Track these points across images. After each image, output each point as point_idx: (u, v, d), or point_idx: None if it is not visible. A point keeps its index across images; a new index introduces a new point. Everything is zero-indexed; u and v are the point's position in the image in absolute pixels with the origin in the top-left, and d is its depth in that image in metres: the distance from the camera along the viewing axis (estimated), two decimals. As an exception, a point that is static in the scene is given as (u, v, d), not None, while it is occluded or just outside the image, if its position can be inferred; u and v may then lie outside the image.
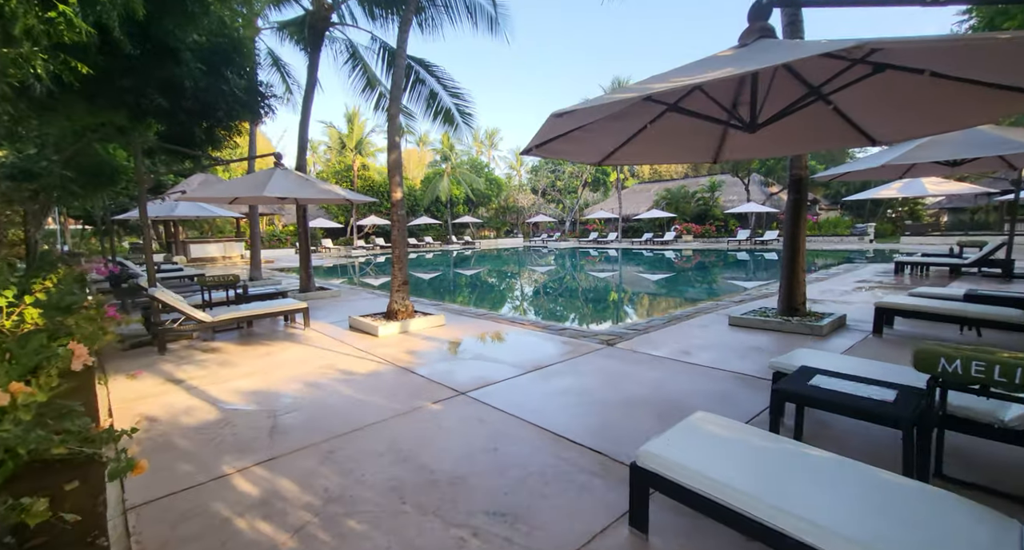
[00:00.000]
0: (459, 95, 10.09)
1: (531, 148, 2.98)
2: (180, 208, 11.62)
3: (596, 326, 7.70)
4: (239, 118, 7.00)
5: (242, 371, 4.52)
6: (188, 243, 19.43)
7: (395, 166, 6.39)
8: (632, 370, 4.28)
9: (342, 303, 8.57)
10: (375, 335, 5.90)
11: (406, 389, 3.93)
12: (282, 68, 13.08)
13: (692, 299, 10.32)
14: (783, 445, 1.97)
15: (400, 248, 6.49)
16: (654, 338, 5.43)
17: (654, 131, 3.38)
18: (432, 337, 5.80)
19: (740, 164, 29.39)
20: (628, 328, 6.06)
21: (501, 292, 13.29)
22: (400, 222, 6.46)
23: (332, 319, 7.11)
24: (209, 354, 5.18)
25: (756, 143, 3.48)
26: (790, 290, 5.62)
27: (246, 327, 6.46)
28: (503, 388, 3.90)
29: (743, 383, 3.84)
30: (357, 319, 6.34)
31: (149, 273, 5.66)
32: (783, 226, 5.64)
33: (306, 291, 9.14)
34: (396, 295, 6.46)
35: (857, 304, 7.07)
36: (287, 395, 3.81)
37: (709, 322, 6.17)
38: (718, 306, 7.30)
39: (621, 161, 3.79)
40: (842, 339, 5.03)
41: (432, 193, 35.85)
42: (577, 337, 5.59)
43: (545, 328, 6.15)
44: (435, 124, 10.42)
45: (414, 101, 10.22)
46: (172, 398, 3.79)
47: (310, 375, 4.35)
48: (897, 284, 9.16)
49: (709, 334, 5.52)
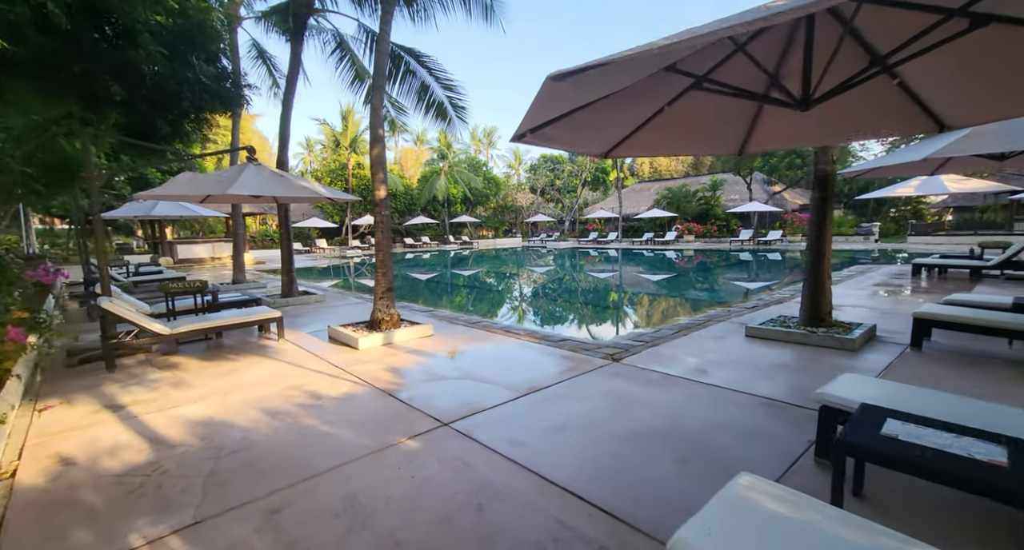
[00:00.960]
0: (452, 87, 9.52)
1: (524, 133, 2.41)
2: (160, 207, 11.02)
3: (599, 336, 7.14)
4: (209, 110, 6.42)
5: (196, 393, 3.95)
6: (175, 244, 18.80)
7: (378, 161, 5.81)
8: (642, 393, 3.72)
9: (326, 309, 8.00)
10: (355, 348, 5.33)
11: (380, 418, 3.36)
12: (268, 61, 12.49)
13: (700, 304, 9.77)
14: (872, 537, 1.41)
15: (384, 251, 5.92)
16: (664, 352, 4.88)
17: (671, 116, 2.81)
18: (418, 350, 5.24)
19: (742, 162, 28.87)
20: (634, 339, 5.50)
21: (497, 296, 12.72)
22: (384, 223, 5.89)
23: (312, 328, 6.54)
24: (165, 371, 4.60)
25: (792, 130, 2.93)
26: (814, 298, 5.06)
27: (215, 338, 5.88)
28: (494, 417, 3.34)
29: (774, 412, 3.27)
30: (337, 329, 5.77)
31: (102, 279, 5.08)
32: (807, 227, 5.08)
33: (288, 296, 8.56)
34: (380, 303, 5.89)
35: (882, 311, 6.52)
36: (239, 427, 3.24)
37: (723, 332, 5.62)
38: (730, 313, 6.75)
39: (630, 153, 3.23)
40: (877, 354, 4.48)
41: (429, 192, 35.24)
42: (578, 351, 5.03)
43: (543, 339, 5.58)
44: (427, 118, 9.85)
45: (404, 94, 9.65)
46: (102, 431, 3.21)
47: (272, 399, 3.78)
48: (919, 288, 8.61)
49: (725, 347, 4.96)
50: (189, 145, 6.52)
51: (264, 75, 12.80)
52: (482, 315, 9.08)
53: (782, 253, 21.44)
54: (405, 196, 35.89)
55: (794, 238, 25.62)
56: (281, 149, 8.39)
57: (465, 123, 9.94)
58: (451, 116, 9.80)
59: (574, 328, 7.87)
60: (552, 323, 8.41)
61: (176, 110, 5.88)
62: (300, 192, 5.97)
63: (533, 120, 2.30)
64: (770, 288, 11.39)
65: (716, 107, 2.73)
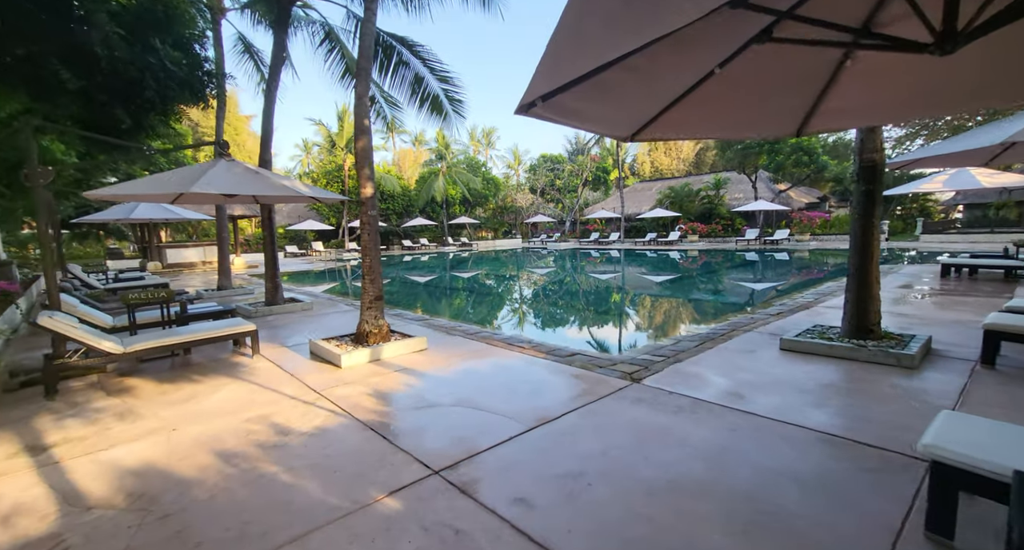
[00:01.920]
0: (448, 79, 8.91)
1: (534, 101, 1.80)
2: (140, 210, 10.41)
3: (613, 349, 6.52)
4: (178, 100, 5.81)
5: (141, 428, 3.33)
6: (164, 248, 18.17)
7: (364, 155, 5.20)
8: (672, 425, 3.09)
9: (312, 319, 7.38)
10: (337, 366, 4.72)
11: (357, 463, 2.74)
12: (256, 56, 11.89)
13: (719, 311, 9.14)
14: None
15: (372, 255, 5.31)
16: (689, 369, 4.25)
17: (723, 82, 2.20)
18: (408, 369, 4.61)
19: (747, 160, 28.27)
20: (653, 352, 4.88)
21: (498, 301, 12.10)
22: (371, 224, 5.28)
23: (294, 341, 5.92)
24: (113, 398, 3.98)
25: (887, 95, 2.30)
26: (861, 306, 4.44)
27: (182, 354, 5.26)
28: (495, 461, 2.72)
29: (840, 454, 2.65)
30: (319, 344, 5.15)
31: (49, 291, 4.47)
32: (850, 225, 4.46)
33: (273, 304, 7.94)
34: (367, 314, 5.27)
35: (924, 319, 5.89)
36: (180, 478, 2.62)
37: (752, 345, 5.00)
38: (754, 321, 6.12)
39: (663, 134, 2.61)
40: (942, 373, 3.85)
41: (427, 193, 34.62)
42: (591, 368, 4.41)
43: (550, 354, 4.96)
44: (421, 113, 9.23)
45: (397, 86, 9.05)
46: (5, 486, 2.59)
47: (230, 436, 3.16)
48: (953, 290, 7.98)
49: (759, 364, 4.34)
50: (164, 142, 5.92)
51: (251, 70, 12.22)
52: (482, 324, 8.47)
53: (790, 253, 20.81)
54: (403, 197, 35.28)
55: (802, 237, 25.00)
56: (263, 146, 7.78)
57: (462, 118, 9.35)
58: (447, 110, 9.20)
59: (584, 339, 7.24)
60: (559, 333, 7.79)
61: (139, 100, 5.26)
62: (279, 191, 5.36)
63: (547, 82, 1.69)
64: (790, 292, 10.77)
65: (780, 68, 2.12)
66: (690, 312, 9.10)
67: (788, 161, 25.54)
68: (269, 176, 5.59)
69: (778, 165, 26.16)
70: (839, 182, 27.87)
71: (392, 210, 34.76)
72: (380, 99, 10.64)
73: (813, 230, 26.47)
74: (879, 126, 4.33)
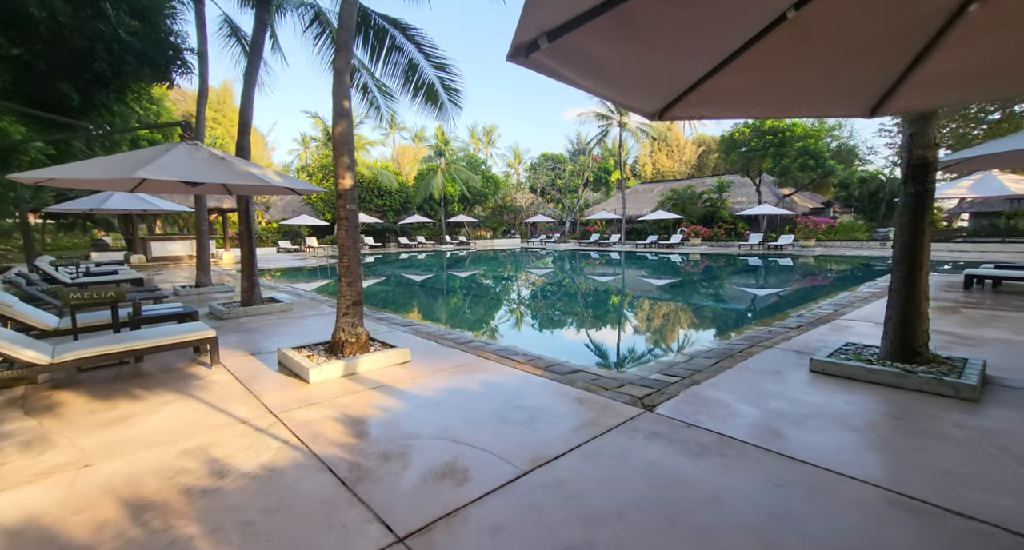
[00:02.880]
0: (444, 67, 8.31)
1: (534, 40, 1.20)
2: (114, 200, 9.76)
3: (617, 363, 5.94)
4: (135, 76, 5.19)
5: (47, 463, 2.72)
6: (148, 240, 17.48)
7: (342, 141, 4.60)
8: (700, 475, 2.50)
9: (290, 322, 6.77)
10: (305, 380, 4.12)
11: (302, 523, 2.15)
12: (243, 39, 11.25)
13: (731, 321, 8.59)
14: None
15: (349, 255, 4.70)
16: (709, 394, 3.67)
17: (789, 38, 1.61)
18: (386, 385, 4.02)
19: (752, 163, 27.75)
20: (664, 371, 4.30)
21: (494, 305, 11.51)
22: (349, 220, 4.68)
23: (265, 347, 5.33)
24: (31, 419, 3.37)
25: (1004, 61, 1.72)
26: (907, 325, 3.86)
27: (133, 363, 4.65)
28: (477, 523, 2.13)
29: (928, 530, 2.06)
30: (288, 354, 4.54)
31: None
32: (895, 231, 3.89)
33: (249, 304, 7.33)
34: (343, 321, 4.67)
35: (963, 337, 5.32)
36: (66, 544, 2.02)
37: (777, 364, 4.42)
38: (773, 335, 5.55)
39: (699, 108, 2.02)
40: (1009, 408, 3.27)
41: (425, 190, 33.98)
42: (596, 389, 3.82)
43: (549, 370, 4.37)
44: (415, 102, 8.63)
45: (389, 73, 8.43)
46: None
47: (154, 476, 2.55)
48: (983, 304, 7.42)
49: (788, 388, 3.76)
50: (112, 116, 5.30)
51: (239, 55, 11.57)
52: (475, 329, 7.88)
53: (794, 259, 20.27)
54: (400, 194, 34.63)
55: (807, 243, 24.47)
56: (241, 132, 7.16)
57: (459, 108, 8.74)
58: (443, 100, 8.59)
59: (586, 352, 6.66)
60: (558, 344, 7.19)
61: (88, 74, 4.63)
62: (245, 179, 4.75)
63: (554, 7, 1.09)
64: (804, 301, 10.22)
65: (876, 19, 1.53)
66: (701, 323, 8.52)
67: (794, 165, 25.04)
68: (234, 163, 4.98)
69: (783, 169, 25.65)
70: (845, 187, 27.36)
71: (389, 207, 34.12)
72: (372, 87, 10.02)
73: (818, 236, 25.95)
74: (933, 119, 3.76)
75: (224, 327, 6.35)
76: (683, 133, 50.76)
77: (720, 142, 31.81)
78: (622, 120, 30.83)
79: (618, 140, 32.59)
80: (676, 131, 49.20)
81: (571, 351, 6.48)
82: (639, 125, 31.86)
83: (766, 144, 25.97)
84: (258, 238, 26.90)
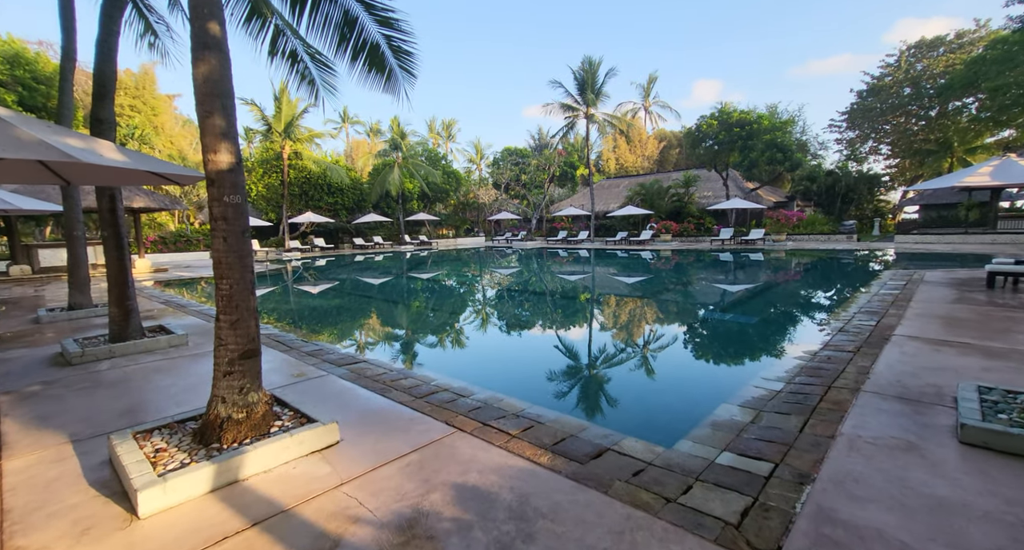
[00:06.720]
0: (391, 22, 6.46)
1: None
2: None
3: (649, 422, 4.42)
4: None
5: None
6: (34, 248, 14.31)
7: (211, 90, 2.75)
8: None
9: (174, 368, 4.76)
10: (133, 513, 2.28)
11: None
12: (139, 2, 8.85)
13: (759, 339, 7.30)
14: None
15: (232, 279, 2.86)
16: (849, 514, 2.17)
17: None
18: (287, 514, 2.25)
19: (719, 157, 27.33)
20: (737, 446, 2.80)
21: (462, 318, 9.78)
22: (229, 220, 2.84)
23: (111, 419, 3.38)
24: None
25: None
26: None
27: None
28: None
29: None
30: (120, 451, 2.66)
31: None
32: None
33: (120, 340, 5.24)
34: (225, 385, 2.85)
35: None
36: None
37: (896, 428, 3.00)
38: (835, 362, 4.19)
39: None
40: None
41: (381, 187, 31.46)
42: (651, 504, 2.24)
43: (560, 452, 2.75)
44: (356, 68, 6.72)
45: (319, 31, 6.48)
46: None
47: None
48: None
49: (963, 491, 2.32)
50: None
51: (134, 18, 9.16)
52: (437, 364, 6.16)
53: (770, 254, 19.75)
54: (353, 191, 31.95)
55: (778, 237, 24.20)
56: (97, 98, 5.04)
57: (412, 77, 6.91)
58: (391, 65, 6.74)
59: (591, 391, 5.08)
60: (548, 381, 5.57)
61: None
62: (88, 158, 2.80)
63: None
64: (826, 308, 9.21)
65: None
66: (722, 342, 7.15)
67: (762, 158, 24.70)
68: (72, 137, 2.98)
69: (752, 162, 25.28)
70: (812, 180, 27.40)
71: (341, 205, 31.41)
72: (303, 54, 7.98)
73: (789, 230, 25.81)
74: None
75: (62, 380, 4.29)
76: (645, 128, 50.60)
77: (685, 136, 31.30)
78: (589, 111, 29.65)
79: (585, 132, 31.42)
80: (638, 125, 48.91)
81: (570, 394, 4.89)
82: (606, 117, 30.82)
83: (734, 137, 25.53)
84: (185, 241, 23.67)
